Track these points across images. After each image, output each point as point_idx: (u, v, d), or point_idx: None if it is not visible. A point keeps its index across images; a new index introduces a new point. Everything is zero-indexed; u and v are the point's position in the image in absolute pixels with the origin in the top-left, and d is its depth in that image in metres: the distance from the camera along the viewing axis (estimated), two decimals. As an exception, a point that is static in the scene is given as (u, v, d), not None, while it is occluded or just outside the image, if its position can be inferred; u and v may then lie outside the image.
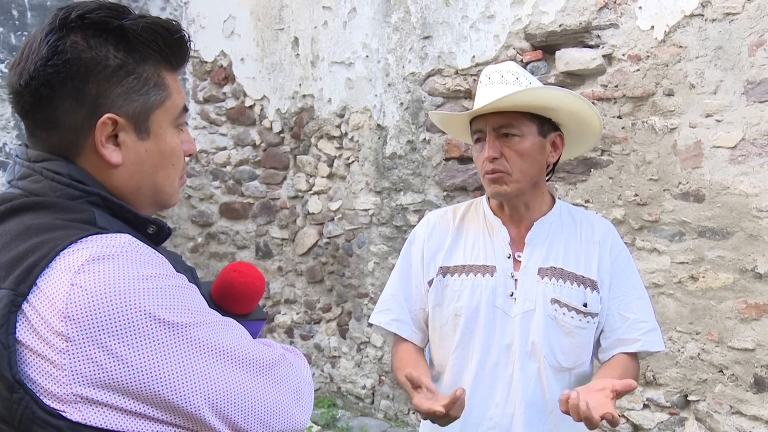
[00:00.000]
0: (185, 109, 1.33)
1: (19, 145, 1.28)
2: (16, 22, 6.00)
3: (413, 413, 5.02)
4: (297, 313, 5.80)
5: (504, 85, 2.09)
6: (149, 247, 1.16)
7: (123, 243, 1.11)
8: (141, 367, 1.05)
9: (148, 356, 1.05)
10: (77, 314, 1.03)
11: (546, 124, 2.13)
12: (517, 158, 2.08)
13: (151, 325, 1.06)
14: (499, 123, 2.08)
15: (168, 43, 1.26)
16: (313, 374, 5.61)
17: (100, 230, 1.13)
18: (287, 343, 5.86)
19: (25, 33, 6.03)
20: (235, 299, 1.40)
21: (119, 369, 1.04)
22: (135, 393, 1.06)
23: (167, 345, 1.07)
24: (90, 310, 1.04)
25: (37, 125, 1.21)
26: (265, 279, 1.45)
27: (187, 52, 1.31)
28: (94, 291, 1.04)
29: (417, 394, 1.96)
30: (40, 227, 1.12)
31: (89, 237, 1.10)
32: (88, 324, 1.03)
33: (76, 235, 1.10)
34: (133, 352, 1.05)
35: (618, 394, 1.85)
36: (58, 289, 1.05)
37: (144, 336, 1.05)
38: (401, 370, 2.18)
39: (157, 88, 1.25)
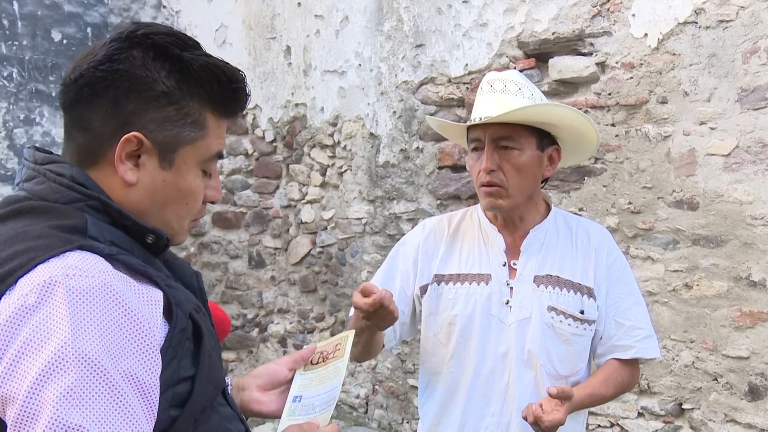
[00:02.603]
0: (219, 156, 1.32)
1: (28, 147, 1.28)
2: (7, 32, 5.97)
3: (407, 422, 4.99)
4: (290, 323, 5.77)
5: (506, 95, 2.06)
6: (112, 275, 1.10)
7: (82, 267, 1.07)
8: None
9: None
10: (9, 328, 1.02)
11: (545, 138, 2.12)
12: (515, 172, 2.07)
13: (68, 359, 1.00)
14: (498, 134, 2.06)
15: (222, 89, 1.27)
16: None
17: (83, 244, 1.11)
18: (281, 353, 5.83)
19: (16, 42, 6.00)
20: None
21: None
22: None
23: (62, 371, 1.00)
24: (12, 326, 1.02)
25: (73, 123, 1.23)
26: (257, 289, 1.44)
27: (242, 103, 1.32)
28: (29, 311, 1.03)
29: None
30: (27, 234, 1.11)
31: (64, 254, 1.08)
32: (10, 338, 1.02)
33: (58, 249, 1.08)
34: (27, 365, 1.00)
35: (559, 398, 1.91)
36: (10, 304, 1.04)
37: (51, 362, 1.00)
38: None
39: (195, 126, 1.25)
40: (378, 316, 1.90)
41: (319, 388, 1.54)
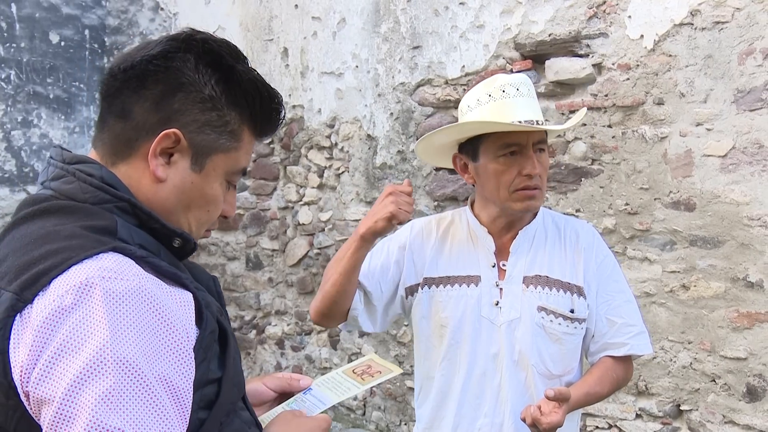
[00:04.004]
0: (243, 172, 1.33)
1: (55, 146, 1.28)
2: (5, 34, 5.98)
3: (405, 424, 4.99)
4: (288, 325, 5.77)
5: (531, 98, 2.10)
6: (146, 278, 1.10)
7: (117, 270, 1.07)
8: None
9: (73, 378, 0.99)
10: (45, 329, 1.02)
11: None
12: (544, 173, 2.12)
13: (104, 362, 1.00)
14: (540, 138, 2.10)
15: (263, 106, 1.29)
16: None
17: (116, 245, 1.11)
18: (278, 354, 5.83)
19: (14, 45, 6.00)
20: None
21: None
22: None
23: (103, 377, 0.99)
24: (48, 327, 1.01)
25: (111, 111, 1.23)
26: (255, 291, 1.44)
27: (274, 125, 1.34)
28: (66, 312, 1.02)
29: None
30: (58, 234, 1.11)
31: (98, 255, 1.08)
32: (47, 339, 1.01)
33: (92, 250, 1.08)
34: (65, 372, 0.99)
35: (557, 400, 1.91)
36: (46, 304, 1.03)
37: (93, 369, 0.99)
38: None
39: (231, 136, 1.26)
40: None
41: (328, 394, 1.54)
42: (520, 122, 2.04)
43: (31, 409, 1.01)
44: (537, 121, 2.05)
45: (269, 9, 5.70)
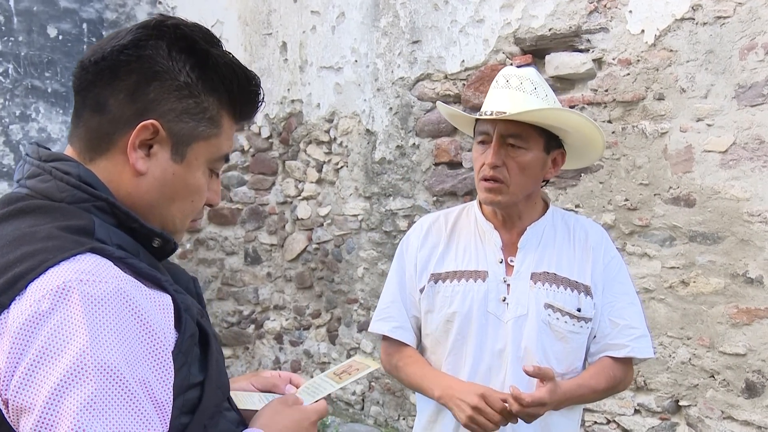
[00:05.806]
0: (226, 159, 1.31)
1: (31, 143, 1.25)
2: (2, 28, 5.95)
3: (403, 419, 4.99)
4: (286, 319, 5.76)
5: (521, 92, 2.05)
6: (125, 281, 1.07)
7: (95, 273, 1.05)
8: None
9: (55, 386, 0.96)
10: (23, 335, 0.99)
11: (552, 141, 2.12)
12: (518, 170, 2.07)
13: (84, 367, 0.98)
14: (508, 131, 2.06)
15: (241, 90, 1.26)
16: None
17: (93, 246, 1.08)
18: (276, 349, 5.83)
19: (12, 38, 5.98)
20: None
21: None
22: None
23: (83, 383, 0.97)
24: (26, 334, 0.99)
25: (86, 104, 1.20)
26: (254, 286, 1.42)
27: (255, 108, 1.31)
28: (44, 317, 0.99)
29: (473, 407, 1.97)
30: (34, 235, 1.08)
31: (75, 257, 1.05)
32: (25, 346, 0.98)
33: (69, 252, 1.05)
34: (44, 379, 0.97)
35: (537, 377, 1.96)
36: (23, 310, 1.00)
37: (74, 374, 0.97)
38: (417, 365, 2.20)
39: (211, 123, 1.24)
40: None
41: (305, 398, 1.52)
42: (492, 113, 2.05)
43: (9, 417, 0.99)
44: (506, 113, 2.03)
45: (268, 3, 5.69)
